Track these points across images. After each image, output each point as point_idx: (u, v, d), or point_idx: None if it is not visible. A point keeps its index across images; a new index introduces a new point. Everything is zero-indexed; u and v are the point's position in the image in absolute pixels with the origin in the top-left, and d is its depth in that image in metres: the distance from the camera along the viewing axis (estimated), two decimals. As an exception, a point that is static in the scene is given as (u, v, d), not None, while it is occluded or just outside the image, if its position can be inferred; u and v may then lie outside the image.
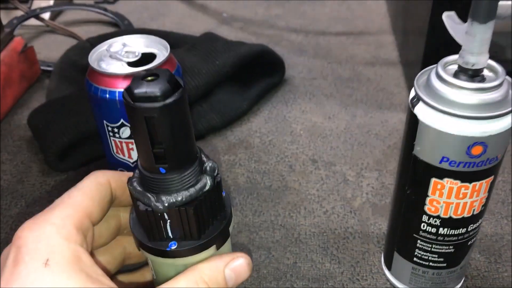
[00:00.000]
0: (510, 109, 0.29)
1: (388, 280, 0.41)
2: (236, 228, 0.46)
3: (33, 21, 0.80)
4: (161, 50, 0.40)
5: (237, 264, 0.29)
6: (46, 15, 0.82)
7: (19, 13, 0.79)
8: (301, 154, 0.54)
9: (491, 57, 0.31)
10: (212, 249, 0.29)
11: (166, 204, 0.27)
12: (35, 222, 0.27)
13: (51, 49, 0.75)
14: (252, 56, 0.60)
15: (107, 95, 0.38)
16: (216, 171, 0.28)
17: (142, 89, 0.24)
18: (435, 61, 0.32)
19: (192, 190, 0.27)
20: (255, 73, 0.63)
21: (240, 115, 0.59)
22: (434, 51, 0.32)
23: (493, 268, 0.42)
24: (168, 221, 0.27)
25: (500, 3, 0.51)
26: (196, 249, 0.28)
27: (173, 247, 0.28)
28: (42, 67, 0.68)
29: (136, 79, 0.25)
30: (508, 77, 0.31)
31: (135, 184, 0.28)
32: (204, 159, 0.28)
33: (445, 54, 0.32)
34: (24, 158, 0.55)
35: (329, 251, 0.44)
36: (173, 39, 0.64)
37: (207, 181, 0.28)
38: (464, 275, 0.40)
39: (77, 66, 0.62)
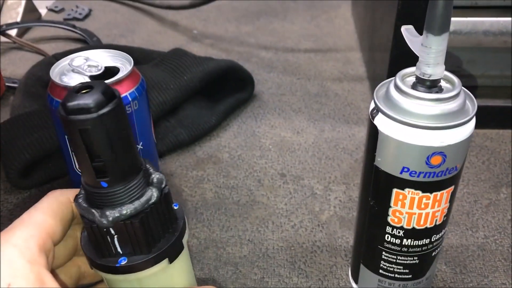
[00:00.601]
0: (467, 119, 0.30)
1: (355, 293, 0.41)
2: (203, 244, 0.45)
3: (-1, 38, 0.78)
4: (124, 64, 0.40)
5: None
6: (13, 32, 0.80)
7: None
8: (269, 169, 0.54)
9: (454, 72, 0.31)
10: (164, 263, 0.28)
11: (111, 219, 0.26)
12: None
13: (17, 66, 0.74)
14: (220, 71, 0.60)
15: (69, 109, 0.37)
16: (164, 183, 0.28)
17: (75, 101, 0.24)
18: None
19: (137, 202, 0.26)
20: (225, 89, 0.63)
21: (208, 130, 0.59)
22: (398, 66, 0.32)
23: (458, 279, 0.42)
24: (115, 236, 0.27)
25: (456, 19, 0.52)
26: (147, 263, 0.28)
27: (123, 263, 0.27)
28: (7, 84, 0.67)
29: (70, 92, 0.24)
30: (464, 88, 0.31)
31: (80, 200, 0.27)
32: (151, 171, 0.28)
33: (408, 68, 0.32)
34: (-14, 176, 0.53)
35: (296, 265, 0.43)
36: (141, 55, 0.64)
37: (153, 193, 0.27)
38: (430, 286, 0.40)
39: (42, 81, 0.61)
